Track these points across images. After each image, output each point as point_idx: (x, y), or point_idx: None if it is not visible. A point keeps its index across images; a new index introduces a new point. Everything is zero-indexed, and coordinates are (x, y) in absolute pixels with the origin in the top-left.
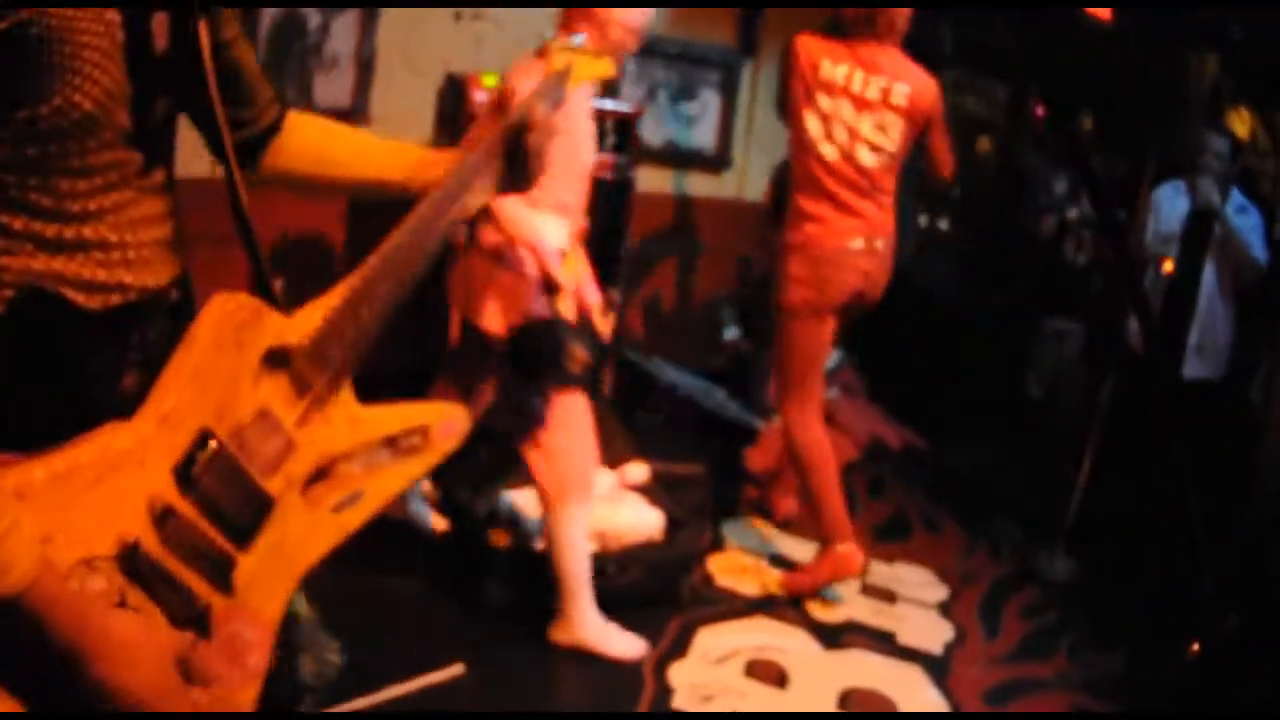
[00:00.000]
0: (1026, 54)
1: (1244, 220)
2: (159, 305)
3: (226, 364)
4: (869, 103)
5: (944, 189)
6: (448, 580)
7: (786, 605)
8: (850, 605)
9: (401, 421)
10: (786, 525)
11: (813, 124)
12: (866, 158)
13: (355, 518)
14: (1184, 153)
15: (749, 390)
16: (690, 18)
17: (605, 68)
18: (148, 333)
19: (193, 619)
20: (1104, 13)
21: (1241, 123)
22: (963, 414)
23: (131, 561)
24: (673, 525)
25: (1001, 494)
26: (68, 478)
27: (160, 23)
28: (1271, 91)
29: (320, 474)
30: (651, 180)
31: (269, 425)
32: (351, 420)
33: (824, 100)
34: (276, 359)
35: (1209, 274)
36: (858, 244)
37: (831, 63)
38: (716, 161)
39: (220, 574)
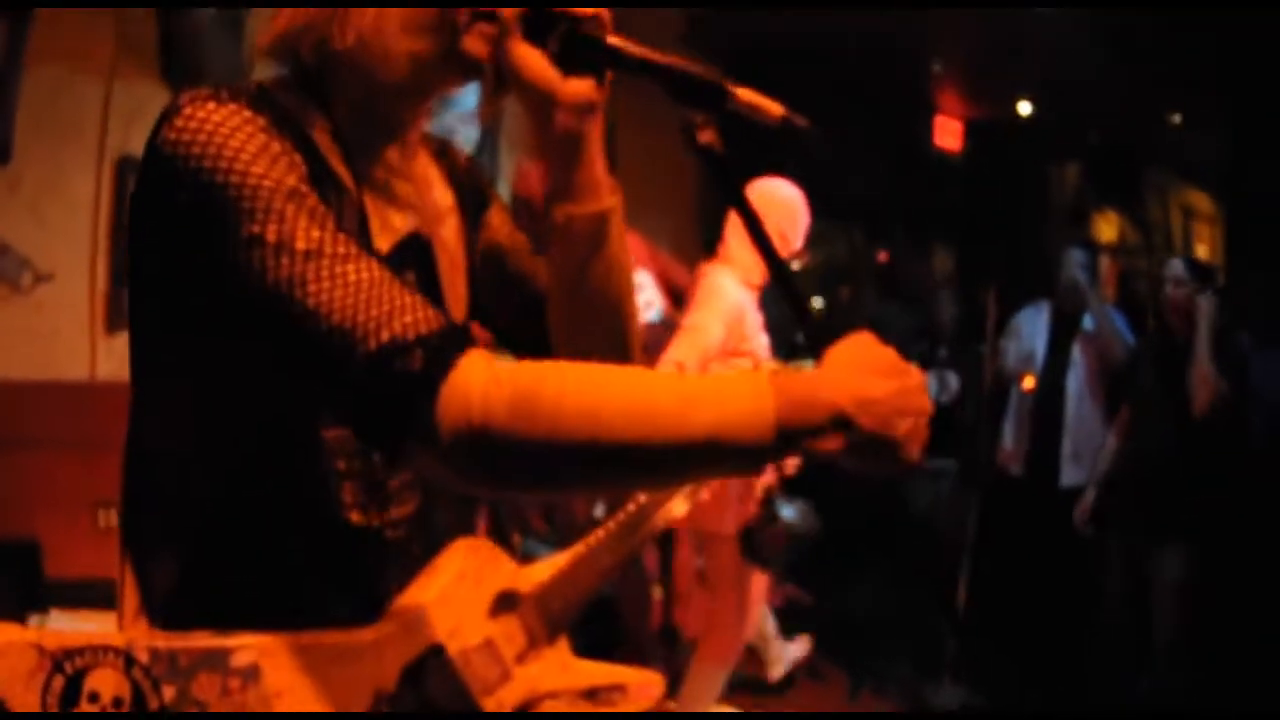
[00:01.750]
0: (874, 197)
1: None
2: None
3: (465, 594)
4: None
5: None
6: None
7: None
8: None
9: (606, 676)
10: None
11: None
12: None
13: None
14: (1045, 271)
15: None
16: None
17: None
18: None
19: None
20: (953, 144)
21: (1109, 225)
22: (840, 560)
23: None
24: None
25: (884, 632)
26: (311, 650)
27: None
28: (1134, 189)
29: (526, 706)
30: None
31: (491, 654)
32: (563, 666)
33: None
34: (507, 600)
35: (1074, 379)
36: None
37: None
38: None
39: None
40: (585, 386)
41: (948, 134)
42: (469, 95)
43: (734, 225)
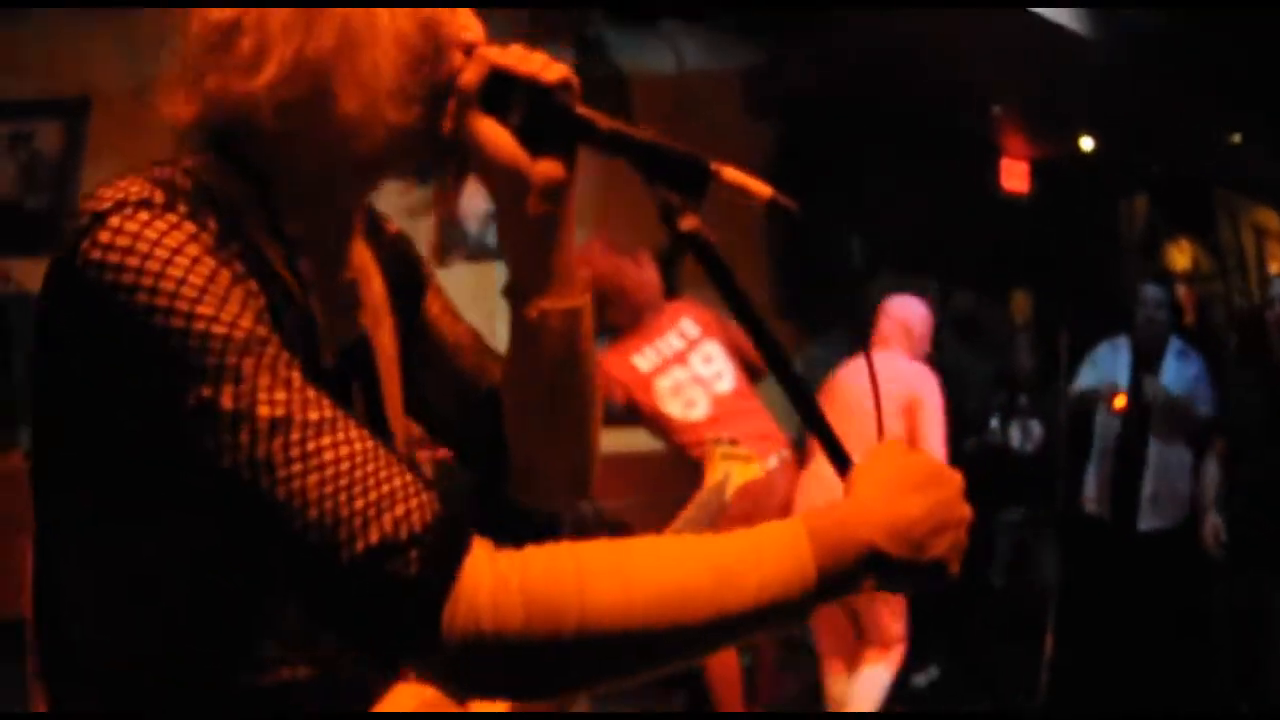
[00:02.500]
0: (945, 245)
1: (1183, 368)
2: None
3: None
4: None
5: None
6: None
7: None
8: None
9: None
10: None
11: None
12: None
13: None
14: (1121, 307)
15: None
16: None
17: (756, 470)
18: None
19: None
20: (1020, 185)
21: (1182, 254)
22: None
23: None
24: None
25: (973, 689)
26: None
27: None
28: (1203, 214)
29: None
30: None
31: None
32: None
33: None
34: None
35: (1157, 425)
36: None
37: None
38: None
39: None
40: (607, 576)
41: (1014, 176)
42: None
43: None
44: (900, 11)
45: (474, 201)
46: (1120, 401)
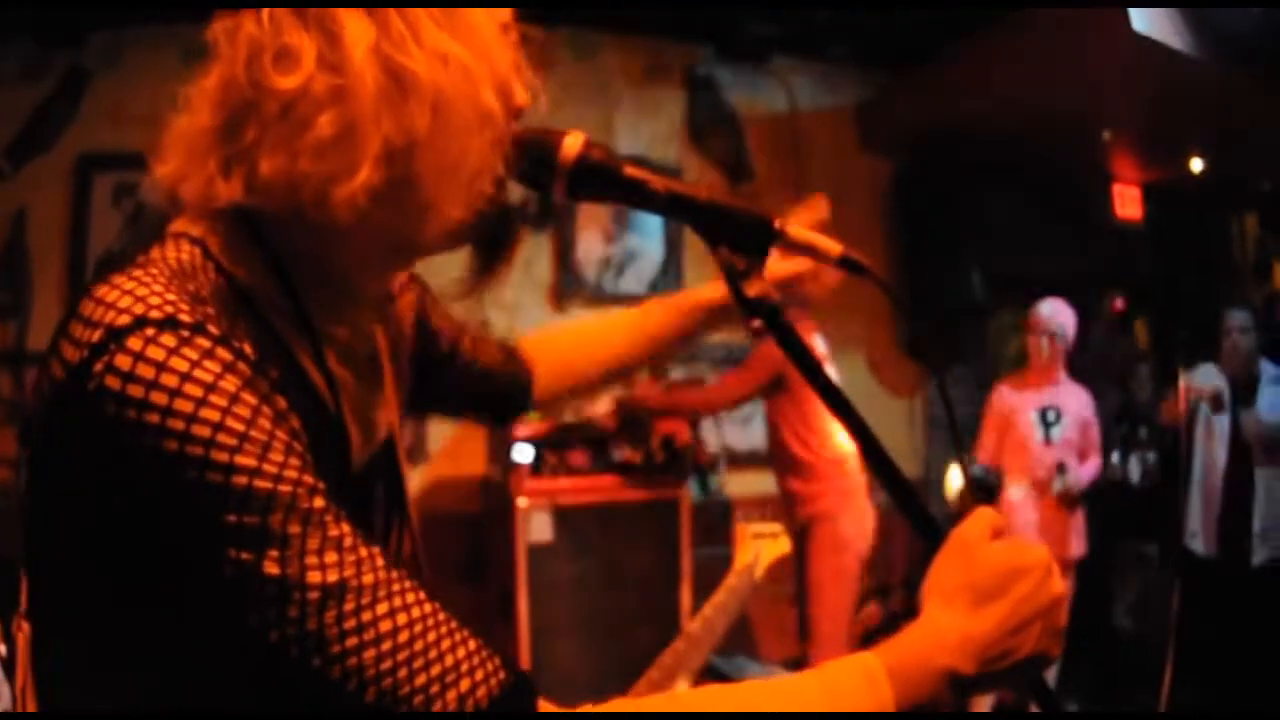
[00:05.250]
0: (1064, 276)
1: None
2: None
3: None
4: None
5: None
6: None
7: None
8: None
9: None
10: None
11: None
12: None
13: None
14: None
15: None
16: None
17: (784, 546)
18: None
19: None
20: (1134, 212)
21: None
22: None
23: None
24: None
25: None
26: None
27: None
28: None
29: None
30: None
31: None
32: None
33: None
34: None
35: (1260, 455)
36: None
37: None
38: None
39: None
40: None
41: (1128, 202)
42: (652, 216)
43: None
44: (1006, 43)
45: (592, 248)
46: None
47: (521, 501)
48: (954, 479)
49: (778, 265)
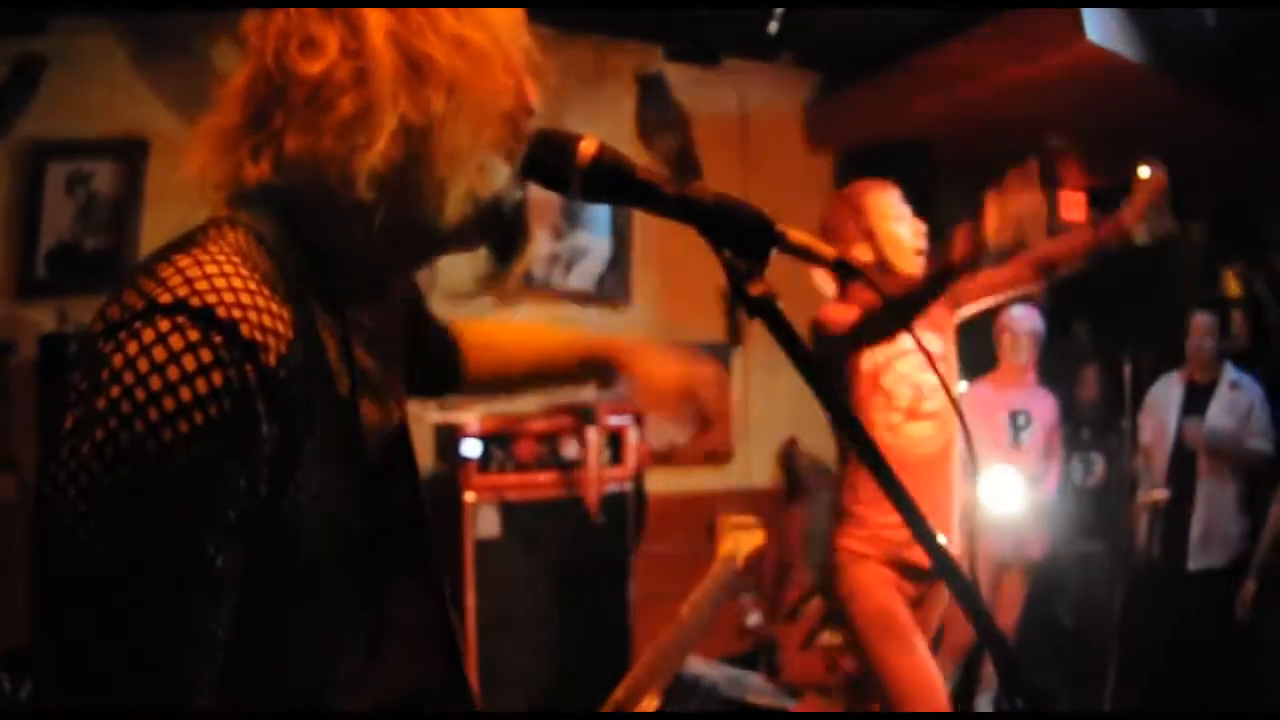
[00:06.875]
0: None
1: (1237, 399)
2: None
3: None
4: None
5: None
6: None
7: None
8: None
9: None
10: None
11: None
12: None
13: None
14: (1174, 339)
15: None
16: (679, 317)
17: (759, 538)
18: None
19: None
20: (1079, 216)
21: (1239, 280)
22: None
23: None
24: None
25: None
26: None
27: None
28: (1258, 240)
29: None
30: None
31: None
32: None
33: None
34: None
35: (1206, 460)
36: None
37: None
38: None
39: None
40: None
41: (1073, 207)
42: (600, 212)
43: None
44: (951, 44)
45: (540, 244)
46: (1159, 495)
47: (469, 496)
48: None
49: None
